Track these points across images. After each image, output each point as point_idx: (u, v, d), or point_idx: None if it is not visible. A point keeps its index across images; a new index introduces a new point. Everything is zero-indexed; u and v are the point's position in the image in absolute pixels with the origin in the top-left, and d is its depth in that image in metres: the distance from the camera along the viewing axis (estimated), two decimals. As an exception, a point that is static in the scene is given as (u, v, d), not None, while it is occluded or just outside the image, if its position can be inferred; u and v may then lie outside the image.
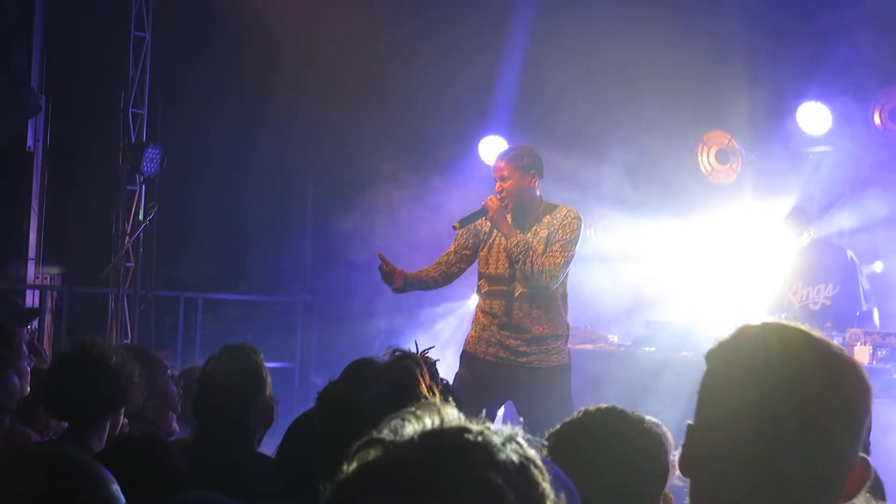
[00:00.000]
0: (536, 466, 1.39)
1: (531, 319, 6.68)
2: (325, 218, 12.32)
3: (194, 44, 11.87)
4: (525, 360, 6.68)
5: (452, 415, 1.43)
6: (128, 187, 11.58)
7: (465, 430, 1.39)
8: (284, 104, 11.43)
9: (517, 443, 1.39)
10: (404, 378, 2.84)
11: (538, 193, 6.78)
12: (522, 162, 6.73)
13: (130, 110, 11.53)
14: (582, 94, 10.00)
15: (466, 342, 6.91)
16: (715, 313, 8.79)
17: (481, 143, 11.16)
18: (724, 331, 1.94)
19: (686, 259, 9.84)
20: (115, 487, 2.27)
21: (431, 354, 3.14)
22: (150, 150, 10.98)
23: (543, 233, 6.64)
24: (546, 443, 2.97)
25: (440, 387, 2.93)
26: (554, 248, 6.58)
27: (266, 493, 3.34)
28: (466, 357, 6.82)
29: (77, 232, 11.88)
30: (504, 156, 6.77)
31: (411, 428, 1.40)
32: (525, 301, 6.69)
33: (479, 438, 1.37)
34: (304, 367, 13.03)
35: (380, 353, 3.00)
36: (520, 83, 10.66)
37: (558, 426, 2.95)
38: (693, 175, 9.92)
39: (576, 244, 6.64)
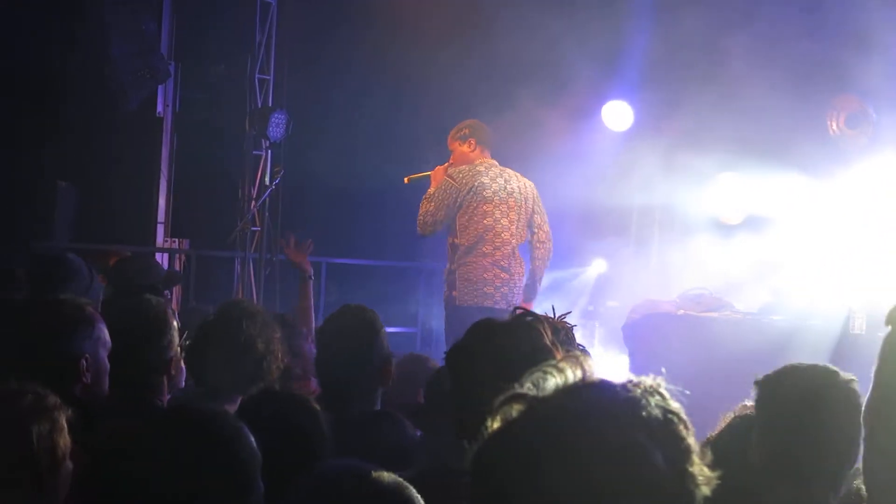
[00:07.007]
0: (681, 420, 1.36)
1: None
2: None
3: (320, 8, 11.94)
4: None
5: (594, 367, 1.41)
6: (254, 152, 11.73)
7: (608, 385, 1.36)
8: (408, 70, 11.44)
9: (660, 395, 1.37)
10: (528, 334, 2.84)
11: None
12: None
13: (257, 76, 11.66)
14: (708, 58, 9.84)
15: None
16: (844, 281, 8.60)
17: (605, 107, 11.06)
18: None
19: (814, 225, 9.63)
20: (253, 444, 2.30)
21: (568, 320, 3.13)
22: (275, 116, 11.10)
23: None
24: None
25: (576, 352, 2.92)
26: None
27: (388, 450, 3.36)
28: None
29: (204, 196, 12.07)
30: None
31: (553, 382, 1.38)
32: None
33: (623, 394, 1.34)
34: (425, 333, 13.07)
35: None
36: (646, 47, 10.52)
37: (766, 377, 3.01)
38: (821, 140, 9.70)
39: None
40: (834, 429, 2.75)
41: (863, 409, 2.08)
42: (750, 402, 3.89)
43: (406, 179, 8.91)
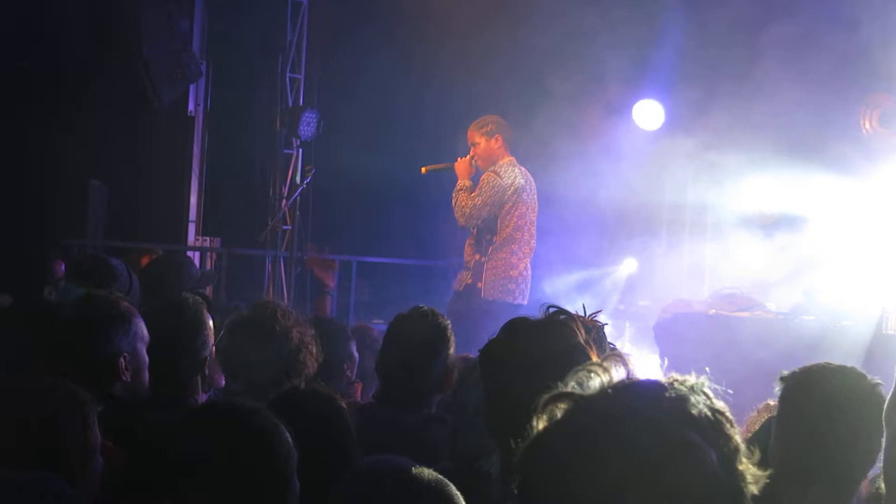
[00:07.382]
0: (727, 419, 1.35)
1: None
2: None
3: (350, 7, 11.95)
4: None
5: (637, 366, 1.40)
6: (285, 151, 11.77)
7: (655, 383, 1.36)
8: (437, 67, 11.43)
9: (704, 394, 1.36)
10: (561, 332, 2.83)
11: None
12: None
13: (288, 75, 11.70)
14: (740, 56, 9.79)
15: None
16: (877, 281, 8.54)
17: (636, 106, 11.02)
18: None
19: (847, 225, 9.56)
20: (289, 440, 2.31)
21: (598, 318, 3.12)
22: (307, 115, 11.13)
23: None
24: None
25: (607, 351, 2.91)
26: None
27: (432, 450, 3.36)
28: None
29: (235, 195, 12.11)
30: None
31: (598, 381, 1.37)
32: None
33: (672, 392, 1.34)
34: (455, 331, 13.03)
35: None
36: (678, 44, 10.46)
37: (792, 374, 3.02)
38: (854, 138, 9.63)
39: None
40: (855, 433, 2.74)
41: (885, 407, 2.06)
42: (773, 402, 3.87)
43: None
